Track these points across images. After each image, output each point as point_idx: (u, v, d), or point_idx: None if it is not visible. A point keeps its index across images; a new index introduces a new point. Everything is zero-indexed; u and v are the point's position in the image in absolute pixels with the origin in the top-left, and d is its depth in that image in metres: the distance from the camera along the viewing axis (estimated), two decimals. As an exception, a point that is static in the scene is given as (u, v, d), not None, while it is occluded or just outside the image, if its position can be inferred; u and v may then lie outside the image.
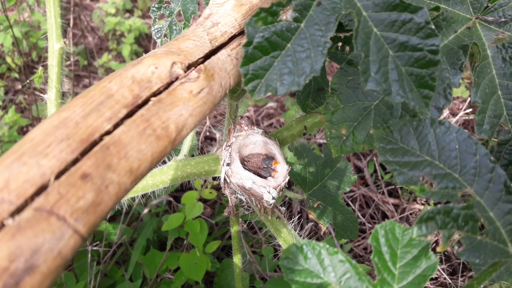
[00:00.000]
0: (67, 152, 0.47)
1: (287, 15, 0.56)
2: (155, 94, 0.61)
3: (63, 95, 2.26)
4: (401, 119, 0.61)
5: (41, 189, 0.43)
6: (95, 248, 1.44)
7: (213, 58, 0.74)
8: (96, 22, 2.84)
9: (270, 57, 0.56)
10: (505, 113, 0.69)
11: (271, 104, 2.29)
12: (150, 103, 0.59)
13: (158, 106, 0.59)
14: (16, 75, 2.35)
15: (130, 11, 3.03)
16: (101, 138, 0.51)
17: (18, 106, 2.23)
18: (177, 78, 0.65)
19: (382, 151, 0.59)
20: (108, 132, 0.52)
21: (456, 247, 0.51)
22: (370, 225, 1.80)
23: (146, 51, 2.63)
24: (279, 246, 0.99)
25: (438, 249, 0.51)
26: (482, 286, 0.61)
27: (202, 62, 0.71)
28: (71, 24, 2.20)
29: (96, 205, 0.46)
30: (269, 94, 0.57)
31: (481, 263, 0.66)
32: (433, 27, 0.55)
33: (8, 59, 2.34)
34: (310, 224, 1.78)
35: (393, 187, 1.92)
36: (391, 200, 1.87)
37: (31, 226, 0.40)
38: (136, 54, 2.60)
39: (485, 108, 0.68)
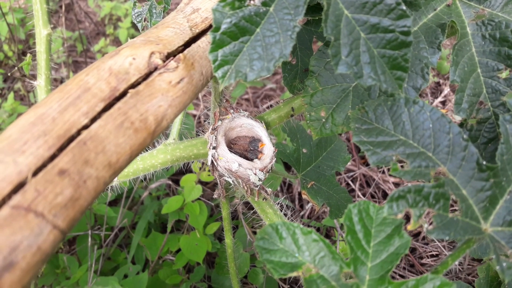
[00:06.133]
0: (44, 148, 0.48)
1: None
2: (133, 85, 0.61)
3: (62, 81, 2.27)
4: (376, 99, 0.61)
5: (19, 186, 0.44)
6: (96, 232, 1.47)
7: (193, 46, 0.73)
8: (92, 7, 2.83)
9: (239, 43, 0.55)
10: (484, 91, 0.68)
11: (270, 85, 2.29)
12: (128, 95, 0.59)
13: (136, 98, 0.60)
14: (14, 63, 2.36)
15: (125, -6, 3.00)
16: (78, 133, 0.52)
17: (17, 93, 2.25)
18: (155, 69, 0.65)
19: (356, 131, 0.59)
20: (85, 127, 0.53)
21: (426, 226, 0.52)
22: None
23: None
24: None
25: (409, 227, 0.52)
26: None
27: (182, 51, 0.71)
28: (63, 9, 2.19)
29: (75, 200, 0.48)
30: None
31: (452, 240, 0.67)
32: (404, 8, 0.55)
33: (5, 47, 2.34)
34: (311, 204, 1.80)
35: (393, 164, 1.92)
36: (392, 179, 1.87)
37: (9, 224, 0.42)
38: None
39: (464, 87, 0.68)
